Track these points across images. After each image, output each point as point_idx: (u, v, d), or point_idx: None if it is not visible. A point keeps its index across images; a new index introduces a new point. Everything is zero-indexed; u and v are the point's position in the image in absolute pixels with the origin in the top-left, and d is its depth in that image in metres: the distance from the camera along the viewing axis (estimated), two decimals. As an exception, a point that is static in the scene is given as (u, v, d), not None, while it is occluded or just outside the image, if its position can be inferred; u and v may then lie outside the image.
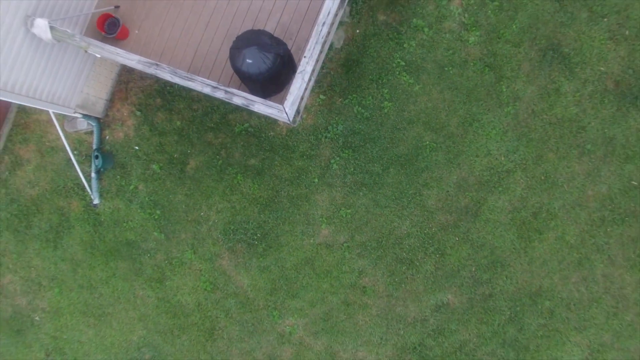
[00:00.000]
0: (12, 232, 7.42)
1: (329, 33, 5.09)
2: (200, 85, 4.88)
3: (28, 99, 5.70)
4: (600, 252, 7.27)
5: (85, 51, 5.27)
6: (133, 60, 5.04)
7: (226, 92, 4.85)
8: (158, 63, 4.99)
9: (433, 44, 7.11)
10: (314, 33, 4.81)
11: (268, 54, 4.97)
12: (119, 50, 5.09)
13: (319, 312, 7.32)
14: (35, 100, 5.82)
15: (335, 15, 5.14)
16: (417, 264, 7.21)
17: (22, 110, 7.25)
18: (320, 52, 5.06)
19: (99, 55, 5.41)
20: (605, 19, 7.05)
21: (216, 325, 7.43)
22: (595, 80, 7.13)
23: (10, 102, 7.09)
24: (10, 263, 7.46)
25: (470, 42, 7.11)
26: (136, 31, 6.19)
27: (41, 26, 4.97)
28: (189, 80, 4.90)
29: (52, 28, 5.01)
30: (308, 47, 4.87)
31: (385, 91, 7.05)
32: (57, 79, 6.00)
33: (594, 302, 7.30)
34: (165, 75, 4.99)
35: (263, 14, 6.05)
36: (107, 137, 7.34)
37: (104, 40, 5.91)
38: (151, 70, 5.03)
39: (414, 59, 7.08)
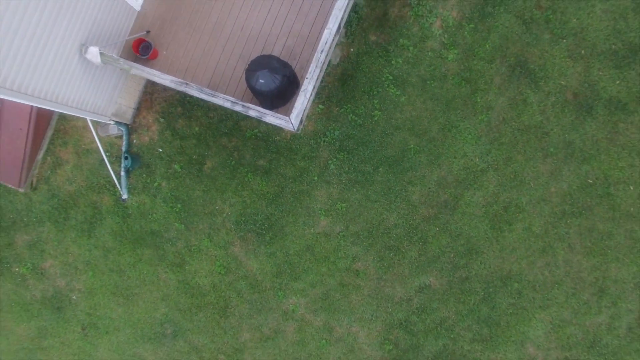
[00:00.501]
0: (53, 222, 8.62)
1: (327, 56, 6.28)
2: (222, 100, 6.07)
3: (76, 110, 6.89)
4: (561, 240, 8.47)
5: (128, 72, 6.46)
6: (167, 80, 6.24)
7: (243, 106, 6.04)
8: (187, 82, 6.18)
9: (417, 61, 8.30)
10: (314, 59, 6.00)
11: (277, 75, 6.17)
12: (155, 72, 6.28)
13: (318, 292, 8.52)
14: (81, 110, 7.01)
15: (332, 41, 6.33)
16: (403, 250, 8.42)
17: (62, 117, 8.43)
18: (320, 72, 6.25)
19: (138, 74, 6.60)
20: (565, 40, 8.24)
21: (229, 304, 8.63)
22: (557, 93, 8.32)
23: (53, 111, 8.30)
24: (51, 249, 8.66)
25: (449, 59, 8.30)
26: (164, 52, 7.39)
27: (93, 53, 6.16)
28: (213, 97, 6.09)
29: (101, 54, 6.21)
30: (309, 70, 6.06)
31: (376, 102, 8.25)
32: (99, 93, 7.20)
33: (556, 284, 8.51)
34: (193, 92, 6.19)
35: (271, 38, 7.25)
36: (135, 141, 8.53)
37: (137, 60, 7.12)
38: (181, 88, 6.22)
39: (400, 73, 8.27)
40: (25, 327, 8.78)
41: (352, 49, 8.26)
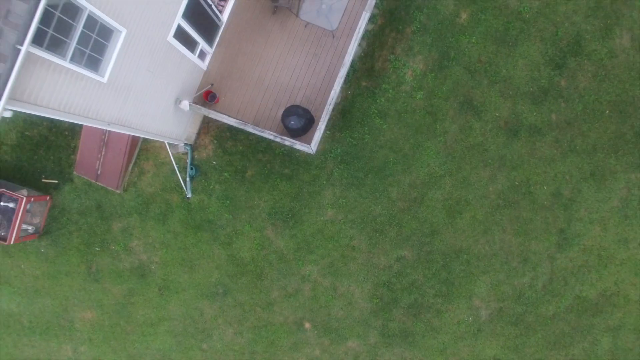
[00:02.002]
0: (138, 214, 12.43)
1: (332, 106, 10.06)
2: (268, 134, 9.87)
3: (163, 137, 10.67)
4: (497, 225, 12.31)
5: (205, 115, 10.25)
6: (232, 121, 10.04)
7: (282, 138, 9.85)
8: (245, 122, 9.98)
9: (395, 100, 12.11)
10: (325, 110, 9.80)
11: (302, 119, 9.96)
12: (224, 115, 10.07)
13: (326, 262, 12.36)
14: (166, 137, 10.80)
15: (336, 96, 10.12)
16: (385, 232, 12.26)
17: (145, 140, 12.24)
18: (328, 116, 10.04)
19: (211, 116, 10.40)
20: (498, 84, 12.07)
21: (263, 271, 12.45)
22: (493, 121, 12.15)
23: (140, 136, 12.08)
24: (136, 233, 12.48)
25: (417, 98, 12.12)
26: (223, 98, 11.20)
27: (185, 104, 9.95)
28: (262, 132, 9.90)
29: (190, 104, 10.00)
30: (322, 117, 9.87)
31: (366, 128, 12.07)
32: (179, 126, 11.01)
33: (493, 255, 12.36)
34: (249, 129, 9.99)
35: (295, 90, 11.07)
36: (196, 156, 12.33)
37: (205, 104, 10.93)
38: (241, 127, 10.03)
39: (383, 108, 12.09)
40: (119, 288, 12.62)
41: (349, 92, 12.08)
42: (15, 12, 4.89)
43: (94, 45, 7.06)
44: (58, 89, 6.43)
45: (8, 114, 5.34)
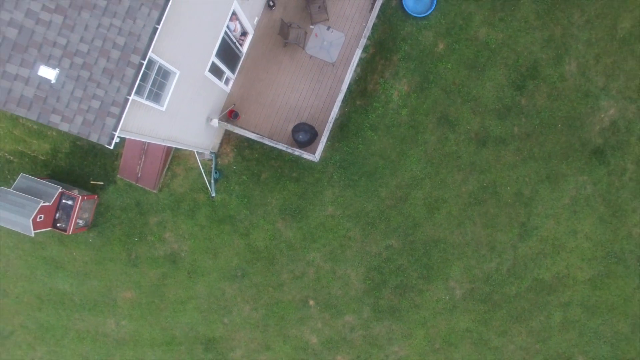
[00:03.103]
0: (171, 210, 15.22)
1: (332, 123, 12.85)
2: (281, 146, 12.66)
3: (196, 148, 13.44)
4: (469, 219, 15.11)
5: (230, 130, 13.03)
6: (252, 135, 12.82)
7: (292, 149, 12.63)
8: (263, 136, 12.75)
9: (384, 116, 14.90)
10: (326, 127, 12.58)
11: (308, 134, 12.76)
12: (245, 130, 12.84)
13: (327, 250, 15.15)
14: (196, 147, 13.57)
15: (335, 116, 12.91)
16: (376, 225, 15.05)
17: (177, 149, 15.02)
18: (328, 132, 12.82)
19: (234, 130, 13.18)
20: (469, 103, 14.85)
21: (275, 257, 15.24)
22: (465, 133, 14.94)
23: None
24: (169, 226, 15.27)
25: (402, 114, 14.91)
26: (243, 116, 13.99)
27: (214, 122, 12.74)
28: (276, 144, 12.67)
29: (219, 122, 12.77)
30: (324, 132, 12.65)
31: (360, 140, 14.86)
32: (207, 138, 13.81)
33: (466, 244, 15.16)
34: (266, 141, 12.76)
35: (302, 109, 13.86)
36: (219, 162, 15.11)
37: (229, 121, 13.72)
38: (259, 139, 12.80)
39: (374, 123, 14.87)
40: (154, 272, 15.41)
41: (346, 109, 14.86)
42: (127, 75, 7.65)
43: (159, 84, 9.85)
44: (137, 119, 9.22)
45: (117, 140, 8.08)
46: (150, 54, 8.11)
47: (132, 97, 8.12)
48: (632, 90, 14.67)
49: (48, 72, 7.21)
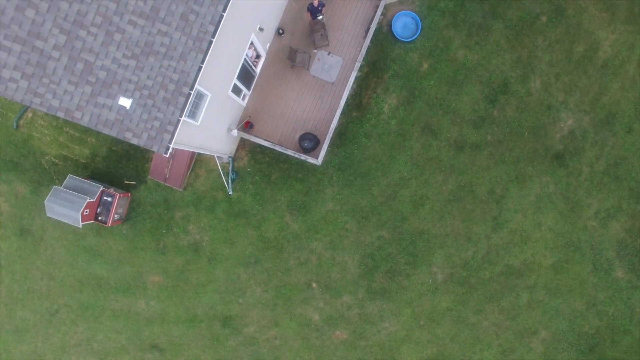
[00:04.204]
0: (194, 206, 18.03)
1: (332, 133, 15.67)
2: (290, 152, 15.46)
3: (216, 153, 16.24)
4: (449, 214, 17.95)
5: (246, 138, 15.86)
6: (265, 143, 15.63)
7: (298, 155, 15.44)
8: (274, 143, 15.56)
9: (376, 125, 17.73)
10: (327, 137, 15.39)
11: (312, 141, 15.57)
12: (259, 139, 15.66)
13: (328, 239, 17.99)
14: (218, 153, 16.38)
15: (334, 127, 15.73)
16: (369, 218, 17.89)
17: (199, 154, 17.82)
18: (329, 140, 15.64)
19: (251, 139, 15.99)
20: (449, 114, 17.68)
21: (283, 246, 18.07)
22: (446, 140, 17.78)
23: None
24: (192, 219, 18.10)
25: (392, 124, 17.74)
26: (257, 126, 16.82)
27: (234, 132, 15.56)
28: (285, 150, 15.48)
29: (238, 132, 15.58)
30: (325, 140, 15.47)
31: (355, 146, 17.69)
32: (227, 145, 16.64)
33: (446, 235, 17.99)
34: (277, 148, 15.58)
35: (307, 121, 16.69)
36: (235, 165, 17.91)
37: (245, 131, 16.55)
38: (271, 146, 15.61)
39: (368, 132, 17.69)
40: (179, 260, 18.23)
41: (343, 120, 17.68)
42: (179, 102, 10.46)
43: (194, 104, 12.67)
44: (181, 133, 12.04)
45: (171, 150, 10.87)
46: (196, 85, 10.94)
47: (183, 118, 10.93)
48: (586, 104, 17.55)
49: (125, 102, 9.98)
